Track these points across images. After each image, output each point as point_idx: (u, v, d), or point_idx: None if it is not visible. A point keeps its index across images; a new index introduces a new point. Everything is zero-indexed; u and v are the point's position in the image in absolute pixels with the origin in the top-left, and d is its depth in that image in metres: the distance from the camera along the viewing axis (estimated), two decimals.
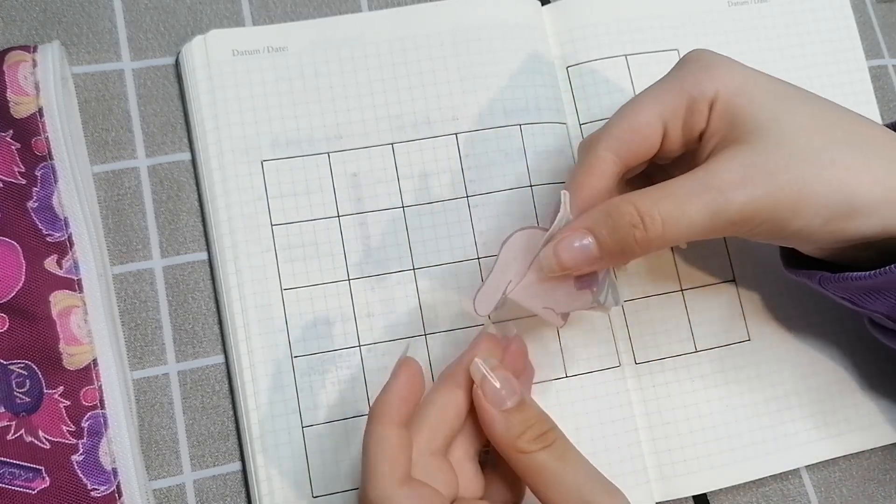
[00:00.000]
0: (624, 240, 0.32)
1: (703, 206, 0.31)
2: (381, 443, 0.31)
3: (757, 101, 0.33)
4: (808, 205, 0.31)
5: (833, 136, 0.32)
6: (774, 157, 0.32)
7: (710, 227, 0.32)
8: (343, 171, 0.41)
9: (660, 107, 0.35)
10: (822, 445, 0.42)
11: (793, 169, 0.31)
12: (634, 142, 0.35)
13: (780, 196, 0.31)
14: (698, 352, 0.42)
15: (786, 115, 0.33)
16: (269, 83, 0.42)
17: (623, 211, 0.32)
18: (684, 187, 0.32)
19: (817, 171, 0.31)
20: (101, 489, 0.36)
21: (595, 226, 0.33)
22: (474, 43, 0.43)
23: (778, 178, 0.31)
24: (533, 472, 0.32)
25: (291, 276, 0.40)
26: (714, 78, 0.34)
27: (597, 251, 0.33)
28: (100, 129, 0.41)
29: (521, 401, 0.33)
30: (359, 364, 0.39)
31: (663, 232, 0.32)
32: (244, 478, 0.39)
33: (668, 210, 0.32)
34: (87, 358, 0.37)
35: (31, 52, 0.39)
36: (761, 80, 0.34)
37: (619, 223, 0.32)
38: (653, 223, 0.32)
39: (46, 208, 0.38)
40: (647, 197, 0.32)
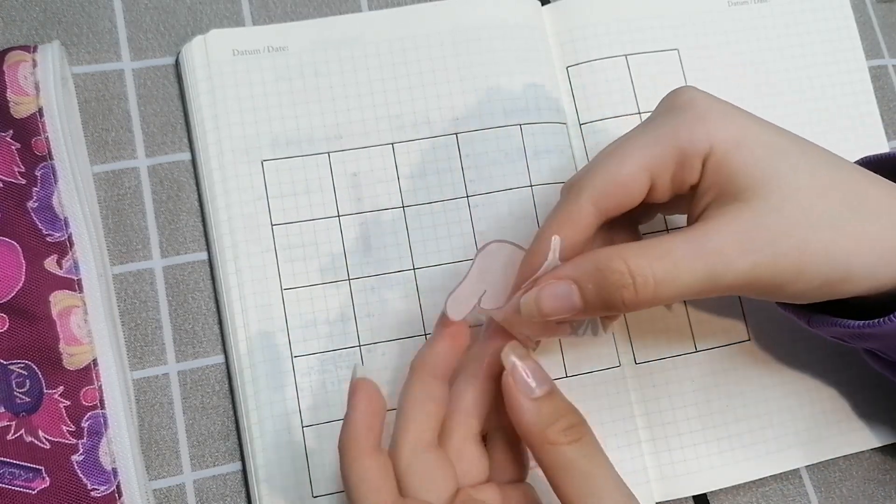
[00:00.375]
0: (610, 298, 0.31)
1: (700, 270, 0.30)
2: (361, 478, 0.31)
3: (755, 158, 0.32)
4: (808, 271, 0.31)
5: (833, 199, 0.31)
6: (775, 221, 0.31)
7: (703, 291, 0.31)
8: (343, 171, 0.41)
9: (648, 159, 0.33)
10: (822, 445, 0.42)
11: (794, 234, 0.30)
12: (618, 195, 0.33)
13: (781, 262, 0.30)
14: (698, 352, 0.42)
15: (786, 174, 0.31)
16: (269, 83, 0.42)
17: (613, 269, 0.30)
18: (681, 249, 0.31)
19: (818, 237, 0.31)
20: (101, 489, 0.36)
21: (581, 278, 0.31)
22: (474, 43, 0.43)
23: (780, 245, 0.30)
24: (560, 467, 0.31)
25: (291, 275, 0.40)
26: (709, 130, 0.32)
27: (580, 304, 0.31)
28: (100, 129, 0.41)
29: (550, 390, 0.32)
30: (359, 364, 0.39)
31: (655, 294, 0.30)
32: (244, 478, 0.39)
33: (662, 272, 0.30)
34: (87, 358, 0.37)
35: (31, 52, 0.39)
36: (759, 131, 0.32)
37: (608, 281, 0.31)
38: (644, 286, 0.30)
39: (46, 208, 0.38)
40: (642, 256, 0.30)
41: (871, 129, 0.46)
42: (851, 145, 0.46)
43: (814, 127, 0.45)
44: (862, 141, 0.46)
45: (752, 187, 0.31)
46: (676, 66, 0.45)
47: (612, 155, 0.34)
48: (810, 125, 0.45)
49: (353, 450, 0.31)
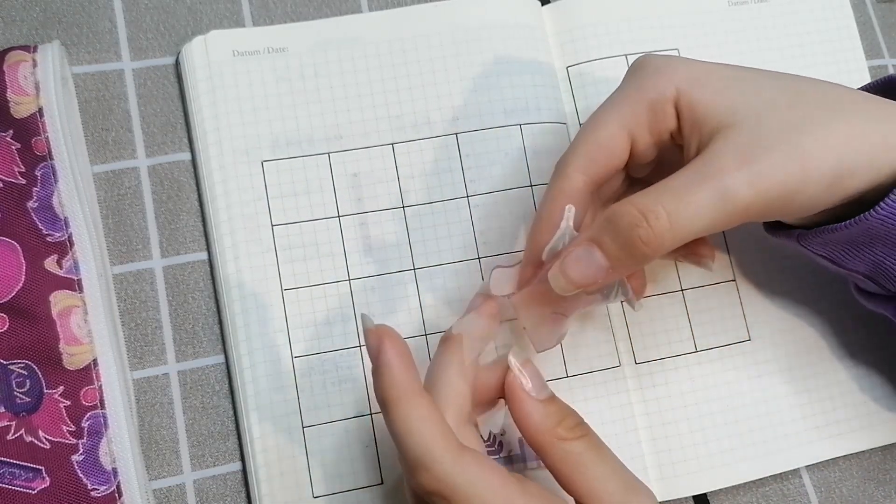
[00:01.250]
0: (629, 242, 0.31)
1: (707, 196, 0.30)
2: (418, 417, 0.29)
3: (721, 88, 0.33)
4: (812, 169, 0.31)
5: (809, 104, 0.32)
6: (764, 133, 0.31)
7: (717, 218, 0.31)
8: (343, 172, 0.41)
9: (621, 117, 0.34)
10: (822, 445, 0.42)
11: (786, 139, 0.31)
12: (602, 157, 0.34)
13: (786, 167, 0.30)
14: (698, 352, 0.42)
15: (755, 95, 0.32)
16: (270, 83, 0.42)
17: (622, 212, 0.31)
18: (683, 178, 0.31)
19: (810, 137, 0.31)
20: (101, 489, 0.36)
21: (597, 235, 0.32)
22: (474, 43, 0.43)
23: (776, 152, 0.30)
24: (569, 461, 0.31)
25: (292, 276, 0.40)
26: (670, 77, 0.34)
27: (604, 261, 0.32)
28: (100, 129, 0.41)
29: (552, 395, 0.32)
30: (359, 364, 0.39)
31: (670, 226, 0.30)
32: (244, 478, 0.39)
33: (671, 203, 0.30)
34: (87, 358, 0.37)
35: (31, 52, 0.39)
36: (715, 68, 0.34)
37: (621, 226, 0.31)
38: (657, 219, 0.30)
39: (46, 208, 0.38)
40: (647, 194, 0.31)
41: None
42: None
43: None
44: None
45: (729, 112, 0.32)
46: None
47: (588, 123, 0.35)
48: None
49: (398, 393, 0.29)
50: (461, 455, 0.29)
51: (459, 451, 0.29)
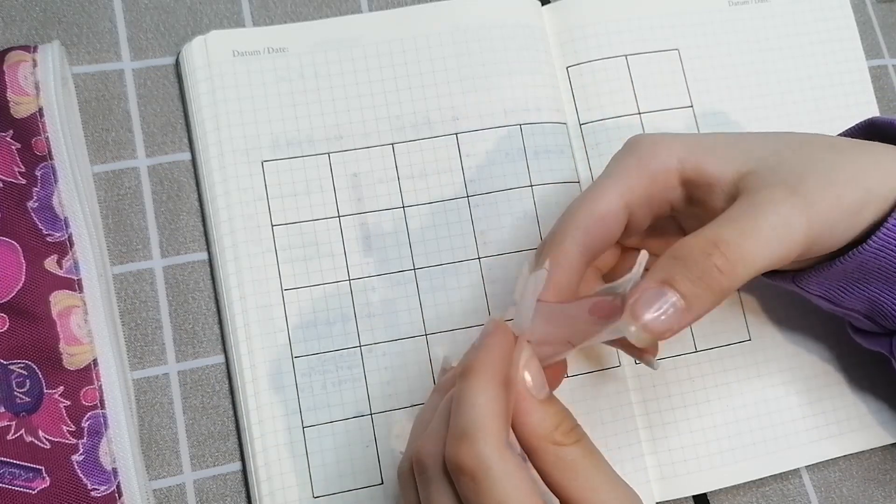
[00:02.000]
0: (706, 273, 0.29)
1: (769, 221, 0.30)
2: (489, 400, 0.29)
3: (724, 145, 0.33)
4: (845, 199, 0.31)
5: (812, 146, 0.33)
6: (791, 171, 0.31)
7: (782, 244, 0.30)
8: (343, 172, 0.41)
9: (621, 191, 0.34)
10: (822, 445, 0.42)
11: (814, 173, 0.31)
12: (599, 231, 0.34)
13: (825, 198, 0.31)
14: (698, 352, 0.42)
15: (761, 146, 0.33)
16: (270, 84, 0.42)
17: (692, 244, 0.30)
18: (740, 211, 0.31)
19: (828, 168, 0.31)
20: (101, 489, 0.36)
21: (668, 275, 0.30)
22: (474, 43, 0.43)
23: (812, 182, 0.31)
24: (563, 467, 0.30)
25: (292, 276, 0.40)
26: (668, 148, 0.34)
27: (681, 302, 0.29)
28: (100, 129, 0.41)
29: (549, 394, 0.32)
30: (359, 364, 0.39)
31: (742, 255, 0.29)
32: (244, 478, 0.39)
33: (737, 233, 0.30)
34: (87, 358, 0.37)
35: (31, 52, 0.39)
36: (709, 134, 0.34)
37: (693, 258, 0.30)
38: (728, 246, 0.29)
39: (46, 208, 0.38)
40: (711, 227, 0.30)
41: None
42: None
43: (814, 127, 0.45)
44: None
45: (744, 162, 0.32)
46: (676, 66, 0.45)
47: (587, 196, 0.35)
48: (810, 125, 0.45)
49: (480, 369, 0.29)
50: (507, 448, 0.29)
51: (507, 445, 0.29)
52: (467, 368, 0.30)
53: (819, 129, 0.45)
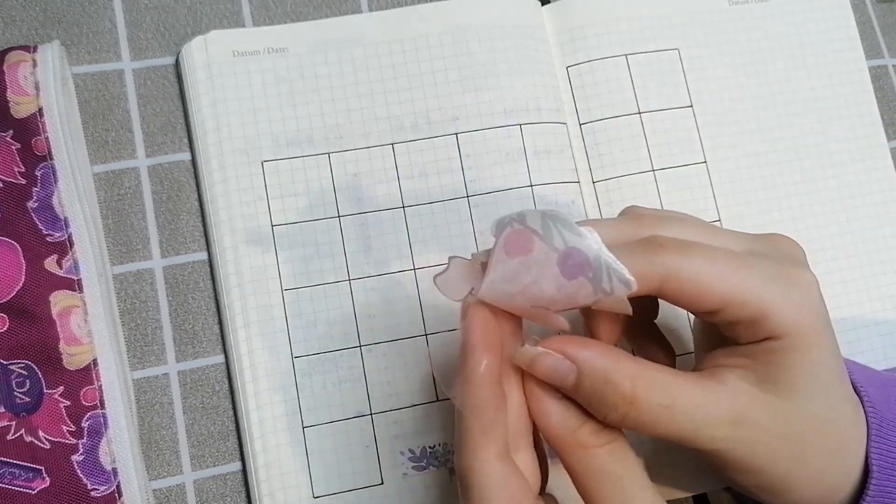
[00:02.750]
0: (597, 408, 0.29)
1: (690, 428, 0.29)
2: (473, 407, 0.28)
3: (809, 370, 0.30)
4: (764, 474, 0.31)
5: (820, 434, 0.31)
6: (773, 427, 0.30)
7: (678, 441, 0.30)
8: (343, 172, 0.41)
9: (736, 293, 0.30)
10: None
11: (776, 445, 0.30)
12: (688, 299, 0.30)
13: (750, 458, 0.30)
14: None
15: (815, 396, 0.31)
16: (270, 84, 0.42)
17: (618, 391, 0.29)
18: (686, 405, 0.29)
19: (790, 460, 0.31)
20: (101, 489, 0.36)
21: (587, 375, 0.29)
22: (474, 43, 0.43)
23: (759, 445, 0.30)
24: (591, 474, 0.29)
25: (292, 276, 0.40)
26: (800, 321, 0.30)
27: (570, 387, 0.29)
28: (100, 129, 0.41)
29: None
30: (359, 364, 0.39)
31: (636, 427, 0.29)
32: (244, 478, 0.39)
33: (658, 418, 0.29)
34: (87, 358, 0.37)
35: (31, 52, 0.39)
36: (827, 343, 0.31)
37: (606, 397, 0.29)
38: (636, 419, 0.29)
39: (46, 208, 0.38)
40: (652, 393, 0.29)
41: (871, 129, 0.46)
42: (851, 145, 0.46)
43: (814, 127, 0.45)
44: (862, 141, 0.46)
45: (781, 390, 0.30)
46: (676, 66, 0.45)
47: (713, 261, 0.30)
48: (810, 125, 0.45)
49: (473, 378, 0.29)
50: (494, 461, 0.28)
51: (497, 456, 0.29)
52: (462, 373, 0.29)
53: (818, 128, 0.45)
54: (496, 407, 0.29)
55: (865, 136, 0.46)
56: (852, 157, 0.46)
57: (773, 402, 0.30)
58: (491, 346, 0.29)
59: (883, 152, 0.46)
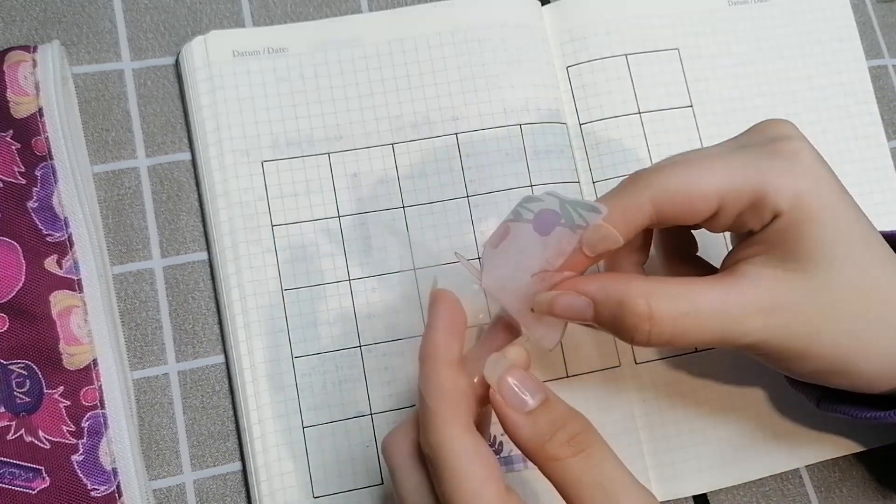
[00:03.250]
0: (622, 333, 0.31)
1: (718, 332, 0.30)
2: (438, 385, 0.29)
3: (823, 239, 0.30)
4: (811, 357, 0.31)
5: (865, 302, 0.31)
6: (806, 305, 0.30)
7: (711, 344, 0.31)
8: (343, 172, 0.41)
9: (725, 186, 0.30)
10: (822, 445, 0.42)
11: (814, 322, 0.30)
12: (682, 208, 0.31)
13: (792, 344, 0.30)
14: (698, 352, 0.42)
15: (840, 264, 0.30)
16: (270, 84, 0.42)
17: (635, 311, 0.30)
18: (709, 310, 0.30)
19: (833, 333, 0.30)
20: (101, 489, 0.36)
21: (603, 303, 0.31)
22: (474, 43, 0.43)
23: (798, 328, 0.30)
24: (567, 484, 0.29)
25: (292, 276, 0.40)
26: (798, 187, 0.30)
27: (591, 320, 0.31)
28: (100, 129, 0.41)
29: (545, 399, 0.30)
30: (359, 364, 0.39)
31: (666, 342, 0.30)
32: (244, 478, 0.39)
33: (682, 328, 0.30)
34: (87, 358, 0.37)
35: (31, 52, 0.39)
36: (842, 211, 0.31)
37: (626, 320, 0.30)
38: (660, 335, 0.30)
39: (46, 208, 0.38)
40: (667, 306, 0.30)
41: (871, 129, 0.46)
42: (851, 145, 0.46)
43: (814, 127, 0.45)
44: (862, 141, 0.46)
45: (802, 263, 0.30)
46: (676, 66, 0.45)
47: (692, 164, 0.31)
48: (810, 125, 0.45)
49: (435, 357, 0.30)
50: (463, 434, 0.29)
51: (468, 428, 0.29)
52: (419, 355, 0.30)
53: (818, 128, 0.45)
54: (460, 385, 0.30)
55: (865, 136, 0.46)
56: (852, 157, 0.46)
57: (798, 279, 0.30)
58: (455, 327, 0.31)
59: (883, 152, 0.46)
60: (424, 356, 0.31)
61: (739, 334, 0.30)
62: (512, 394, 0.30)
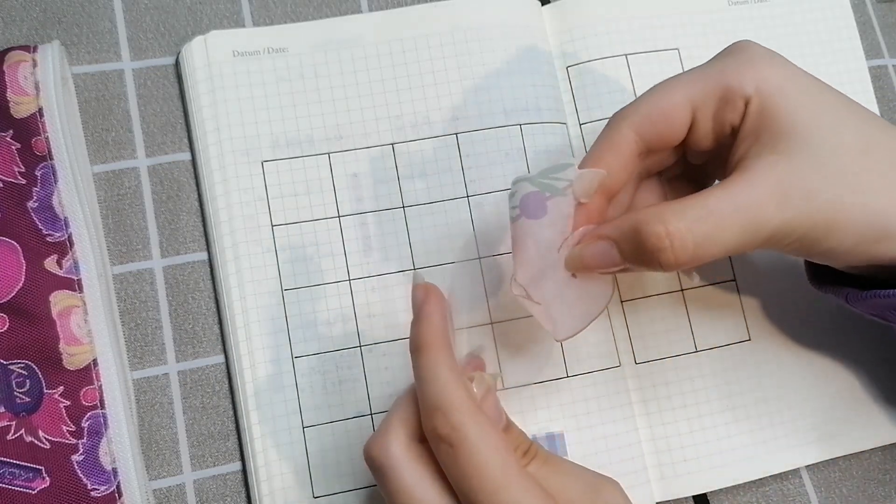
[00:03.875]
0: (648, 260, 0.31)
1: (738, 227, 0.30)
2: (446, 369, 0.30)
3: (799, 106, 0.31)
4: (841, 228, 0.31)
5: (875, 159, 0.31)
6: (813, 176, 0.31)
7: (741, 247, 0.31)
8: (343, 172, 0.41)
9: (691, 91, 0.33)
10: (822, 445, 0.42)
11: (831, 191, 0.30)
12: (660, 124, 0.33)
13: (816, 218, 0.31)
14: (698, 352, 0.42)
15: (829, 128, 0.31)
16: (270, 84, 0.42)
17: (651, 232, 0.31)
18: (720, 209, 0.31)
19: (855, 196, 0.31)
20: (101, 489, 0.36)
21: (621, 239, 0.32)
22: (474, 43, 0.43)
23: (816, 200, 0.30)
24: None
25: (292, 276, 0.40)
26: (757, 72, 0.32)
27: (619, 261, 0.32)
28: (100, 129, 0.41)
29: (506, 424, 0.33)
30: (359, 364, 0.39)
31: (693, 256, 0.30)
32: (244, 478, 0.39)
33: (702, 235, 0.30)
34: (87, 358, 0.37)
35: (31, 52, 0.39)
36: (807, 82, 0.32)
37: (646, 245, 0.31)
38: (683, 249, 0.30)
39: (46, 208, 0.38)
40: (681, 218, 0.30)
41: None
42: None
43: None
44: None
45: (791, 137, 0.31)
46: (676, 66, 0.45)
47: (657, 87, 0.34)
48: None
49: (433, 340, 0.30)
50: (480, 413, 0.30)
51: (477, 409, 0.30)
52: (418, 345, 0.31)
53: None
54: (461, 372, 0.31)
55: None
56: None
57: (795, 154, 0.31)
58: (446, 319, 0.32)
59: None
60: (426, 345, 0.31)
61: (759, 225, 0.30)
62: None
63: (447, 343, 0.31)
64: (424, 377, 0.30)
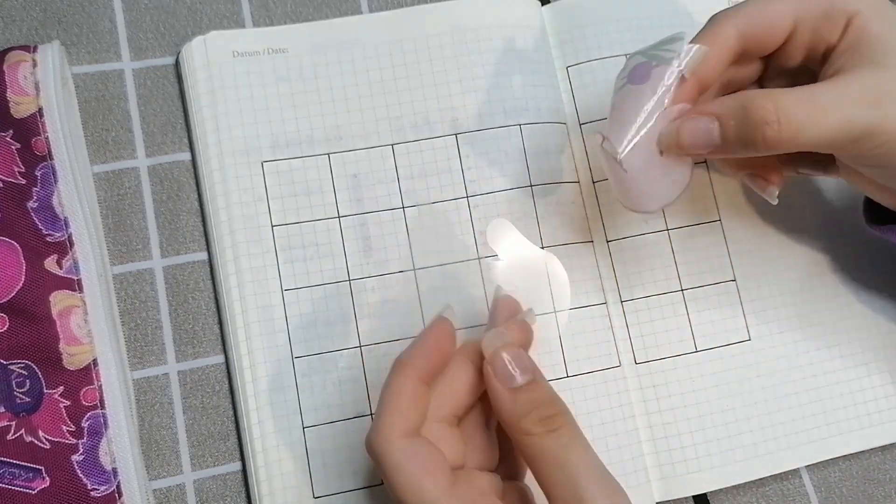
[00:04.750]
0: (751, 136, 0.32)
1: (839, 116, 0.32)
2: (394, 393, 0.31)
3: None
4: None
5: None
6: None
7: (836, 139, 0.32)
8: (343, 172, 0.41)
9: (797, 2, 0.34)
10: (822, 445, 0.42)
11: None
12: (761, 27, 0.35)
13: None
14: (698, 352, 0.42)
15: None
16: (270, 84, 0.42)
17: (759, 104, 0.32)
18: (827, 95, 0.32)
19: None
20: (101, 489, 0.36)
21: (725, 114, 0.33)
22: (474, 43, 0.43)
23: None
24: (534, 456, 0.31)
25: (292, 276, 0.40)
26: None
27: (718, 140, 0.33)
28: (100, 129, 0.41)
29: (532, 380, 0.32)
30: (359, 364, 0.39)
31: (796, 135, 0.32)
32: (244, 478, 0.39)
33: (805, 116, 0.32)
34: (87, 358, 0.37)
35: (31, 52, 0.39)
36: None
37: (752, 117, 0.32)
38: (788, 125, 0.32)
39: (46, 208, 0.38)
40: (789, 98, 0.32)
41: None
42: None
43: None
44: None
45: (888, 54, 0.33)
46: None
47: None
48: None
49: (404, 367, 0.32)
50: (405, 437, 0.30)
51: (407, 434, 0.31)
52: (394, 362, 0.32)
53: None
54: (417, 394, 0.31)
55: None
56: None
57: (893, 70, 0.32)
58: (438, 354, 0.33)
59: None
60: (397, 365, 0.32)
61: (854, 119, 0.32)
62: (502, 368, 0.32)
63: (414, 372, 0.32)
64: (382, 391, 0.32)
